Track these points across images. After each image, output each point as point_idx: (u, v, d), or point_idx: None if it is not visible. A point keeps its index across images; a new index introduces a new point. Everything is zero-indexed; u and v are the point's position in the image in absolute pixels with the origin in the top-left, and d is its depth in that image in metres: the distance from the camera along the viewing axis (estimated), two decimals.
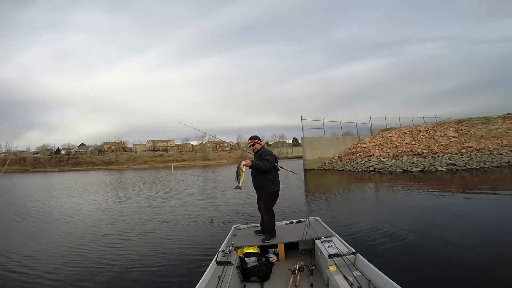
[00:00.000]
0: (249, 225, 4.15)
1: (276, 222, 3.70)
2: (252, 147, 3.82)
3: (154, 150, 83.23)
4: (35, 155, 73.81)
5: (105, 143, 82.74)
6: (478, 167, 13.78)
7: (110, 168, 60.72)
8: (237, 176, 3.42)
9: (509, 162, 14.01)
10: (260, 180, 3.56)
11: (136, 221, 7.11)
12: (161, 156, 74.21)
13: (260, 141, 3.85)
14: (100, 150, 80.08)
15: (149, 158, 71.21)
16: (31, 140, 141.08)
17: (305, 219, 3.96)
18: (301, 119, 20.99)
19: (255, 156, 3.76)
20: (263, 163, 3.45)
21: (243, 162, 3.43)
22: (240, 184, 3.43)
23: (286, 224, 4.10)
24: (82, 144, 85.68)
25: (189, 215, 7.52)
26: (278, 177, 3.69)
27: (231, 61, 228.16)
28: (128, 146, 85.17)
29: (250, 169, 3.56)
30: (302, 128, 21.07)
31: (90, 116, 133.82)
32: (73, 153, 78.46)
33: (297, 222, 4.10)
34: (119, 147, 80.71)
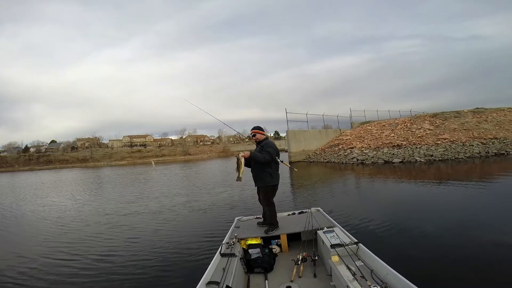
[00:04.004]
0: (252, 217, 4.09)
1: (278, 213, 3.67)
2: (253, 137, 3.73)
3: (131, 146, 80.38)
4: (1, 154, 68.75)
5: (78, 139, 78.60)
6: (453, 158, 14.56)
7: (85, 165, 57.85)
8: (237, 167, 3.42)
9: (480, 152, 14.95)
10: (259, 172, 3.50)
11: (139, 217, 6.96)
12: (139, 151, 71.60)
13: (263, 131, 3.77)
14: (73, 147, 76.05)
15: (126, 154, 68.38)
16: None
17: (307, 210, 3.97)
18: (286, 112, 21.10)
19: (257, 146, 3.68)
20: (263, 155, 3.38)
21: (241, 154, 3.42)
22: (240, 175, 3.43)
23: (288, 215, 4.08)
24: (53, 141, 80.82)
25: (191, 209, 7.48)
26: (278, 170, 3.63)
27: (212, 54, 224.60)
28: (103, 142, 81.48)
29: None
30: (287, 121, 21.19)
31: (61, 112, 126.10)
32: (43, 150, 73.84)
33: (299, 213, 4.08)
34: (94, 143, 77.16)
